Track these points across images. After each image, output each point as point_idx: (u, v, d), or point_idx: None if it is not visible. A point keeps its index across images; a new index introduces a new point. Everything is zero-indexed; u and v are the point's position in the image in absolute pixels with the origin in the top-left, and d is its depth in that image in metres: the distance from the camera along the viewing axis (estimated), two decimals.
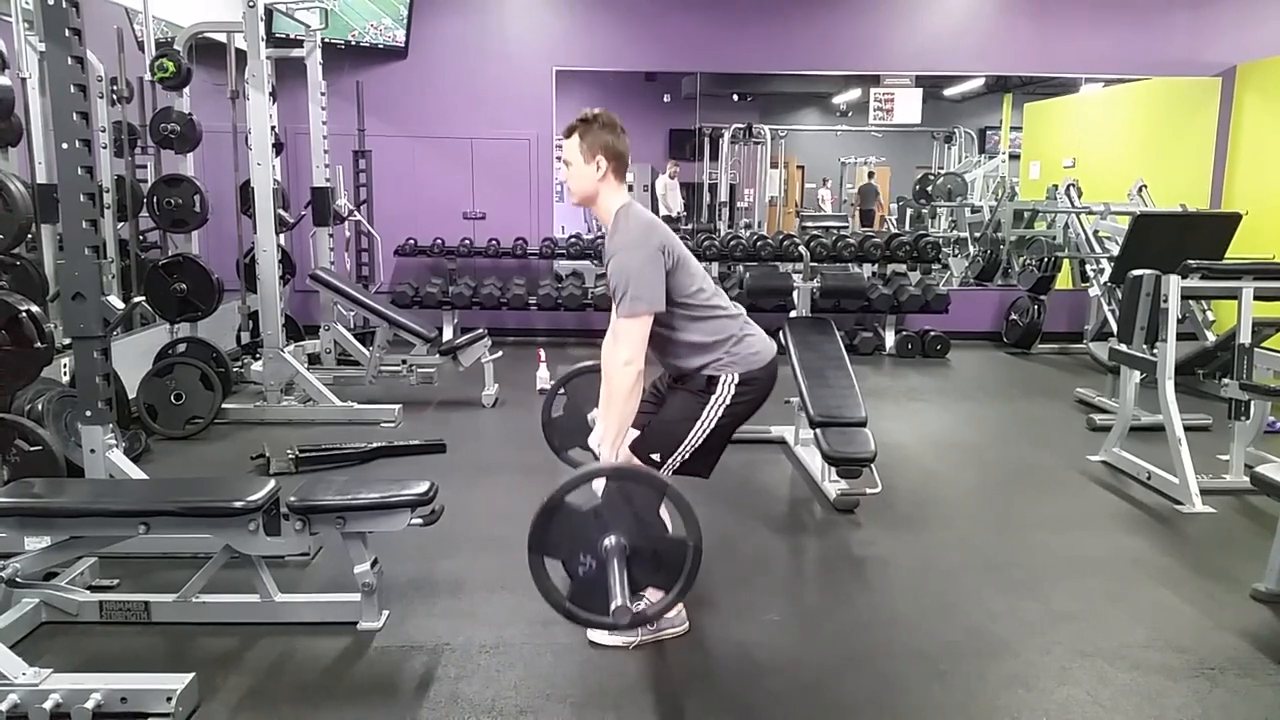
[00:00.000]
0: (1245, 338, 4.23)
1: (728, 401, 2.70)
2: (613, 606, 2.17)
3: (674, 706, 2.55)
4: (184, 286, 5.14)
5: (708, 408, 2.70)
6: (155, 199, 5.23)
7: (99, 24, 4.69)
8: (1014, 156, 10.05)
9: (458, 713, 2.45)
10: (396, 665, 2.69)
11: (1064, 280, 8.14)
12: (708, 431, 2.73)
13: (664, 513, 2.37)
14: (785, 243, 7.97)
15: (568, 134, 2.72)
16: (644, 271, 2.56)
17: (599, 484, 2.36)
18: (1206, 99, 8.08)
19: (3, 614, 2.75)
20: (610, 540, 2.27)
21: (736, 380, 2.70)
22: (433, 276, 7.95)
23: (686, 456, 2.75)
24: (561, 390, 3.39)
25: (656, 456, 2.72)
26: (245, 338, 5.98)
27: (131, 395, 4.81)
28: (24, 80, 4.66)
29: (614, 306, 2.67)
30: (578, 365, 3.35)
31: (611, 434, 2.58)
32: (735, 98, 10.36)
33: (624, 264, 2.57)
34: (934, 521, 3.93)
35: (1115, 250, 6.79)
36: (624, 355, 2.55)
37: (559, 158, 2.82)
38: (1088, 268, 7.65)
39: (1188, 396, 4.80)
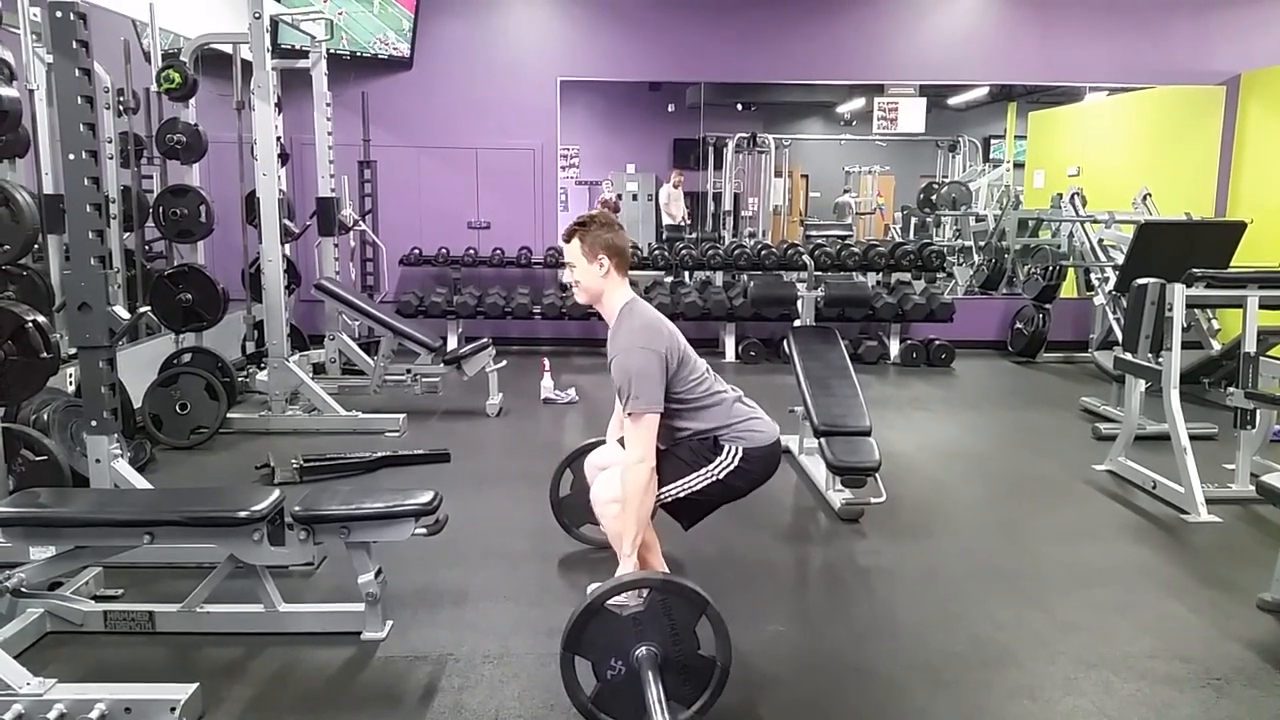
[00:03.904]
0: (1250, 346, 4.22)
1: (731, 468, 2.76)
2: None
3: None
4: (189, 296, 5.16)
5: (709, 466, 2.76)
6: (161, 209, 5.25)
7: (105, 35, 4.72)
8: (1019, 165, 10.04)
9: None
10: (400, 675, 2.68)
11: (1069, 289, 8.13)
12: (701, 486, 2.77)
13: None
14: (790, 252, 7.97)
15: (568, 239, 2.80)
16: (644, 373, 2.61)
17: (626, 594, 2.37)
18: (1211, 107, 8.08)
19: (8, 624, 2.75)
20: (644, 650, 2.27)
21: (741, 455, 2.76)
22: (437, 286, 7.96)
23: (679, 496, 2.79)
24: (568, 469, 3.44)
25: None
26: (250, 347, 5.98)
27: (137, 405, 4.81)
28: (31, 91, 4.69)
29: (619, 403, 2.73)
30: (581, 445, 3.44)
31: (631, 532, 2.60)
32: (739, 107, 10.36)
33: (625, 365, 2.63)
34: (938, 531, 3.92)
35: (1120, 259, 6.79)
36: (635, 455, 2.61)
37: (566, 262, 2.86)
38: (1092, 276, 7.63)
39: (1193, 405, 4.80)
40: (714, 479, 2.76)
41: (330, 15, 6.11)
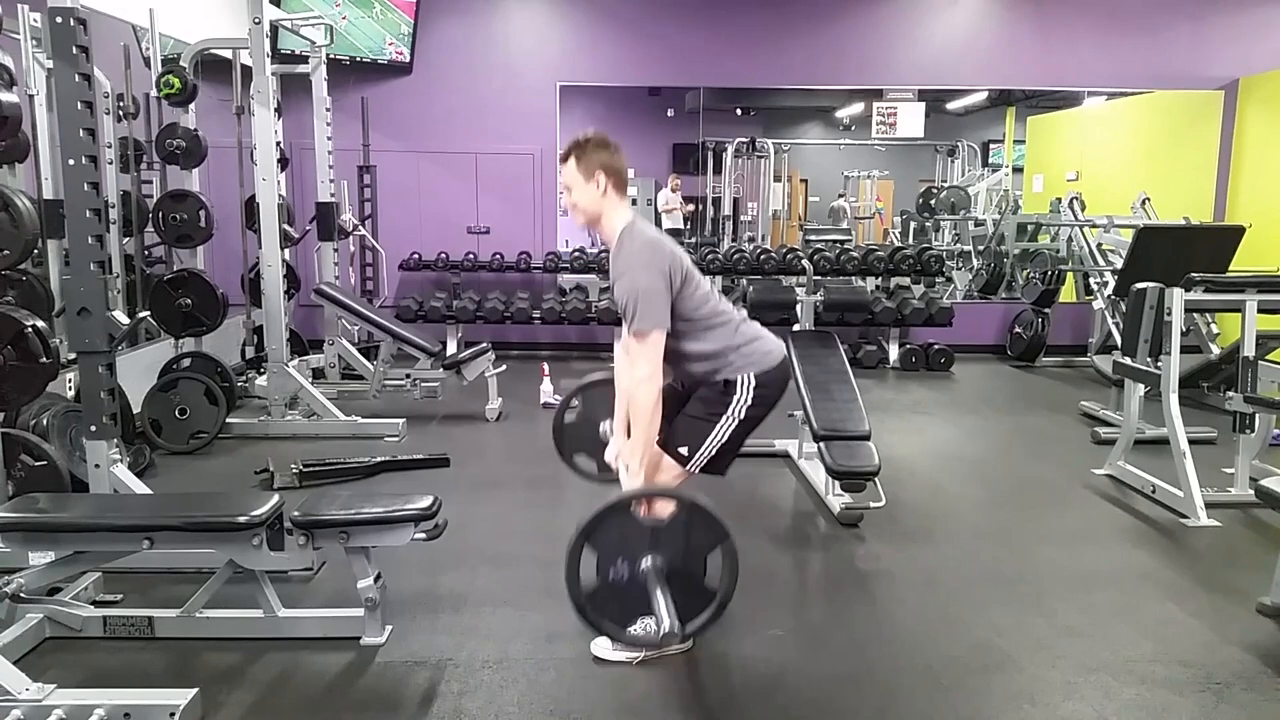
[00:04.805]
0: (1249, 350, 4.22)
1: (748, 402, 2.74)
2: (663, 631, 2.20)
3: None
4: (189, 301, 5.16)
5: (729, 409, 2.74)
6: (161, 214, 5.25)
7: (105, 40, 4.72)
8: (1017, 170, 10.06)
9: None
10: (399, 680, 2.68)
11: (1068, 293, 8.13)
12: (730, 431, 2.76)
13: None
14: (789, 256, 7.98)
15: (564, 159, 2.76)
16: (650, 291, 2.59)
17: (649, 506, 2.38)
18: (1209, 112, 8.09)
19: (7, 629, 2.75)
20: (654, 561, 2.28)
21: (754, 382, 2.73)
22: (437, 291, 7.96)
23: (712, 454, 2.78)
24: (575, 400, 3.38)
25: (685, 450, 2.77)
26: (250, 352, 5.99)
27: (136, 410, 4.81)
28: (31, 96, 4.70)
29: (624, 325, 2.70)
30: (594, 376, 3.34)
31: (639, 450, 2.62)
32: (738, 112, 10.38)
33: (629, 285, 2.61)
34: (938, 535, 3.92)
35: (1119, 263, 6.79)
36: (642, 372, 2.60)
37: (562, 185, 2.83)
38: (1091, 281, 7.64)
39: (1192, 410, 4.80)
40: (736, 421, 2.74)
41: (334, 20, 6.11)
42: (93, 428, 3.26)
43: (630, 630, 2.45)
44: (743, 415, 2.75)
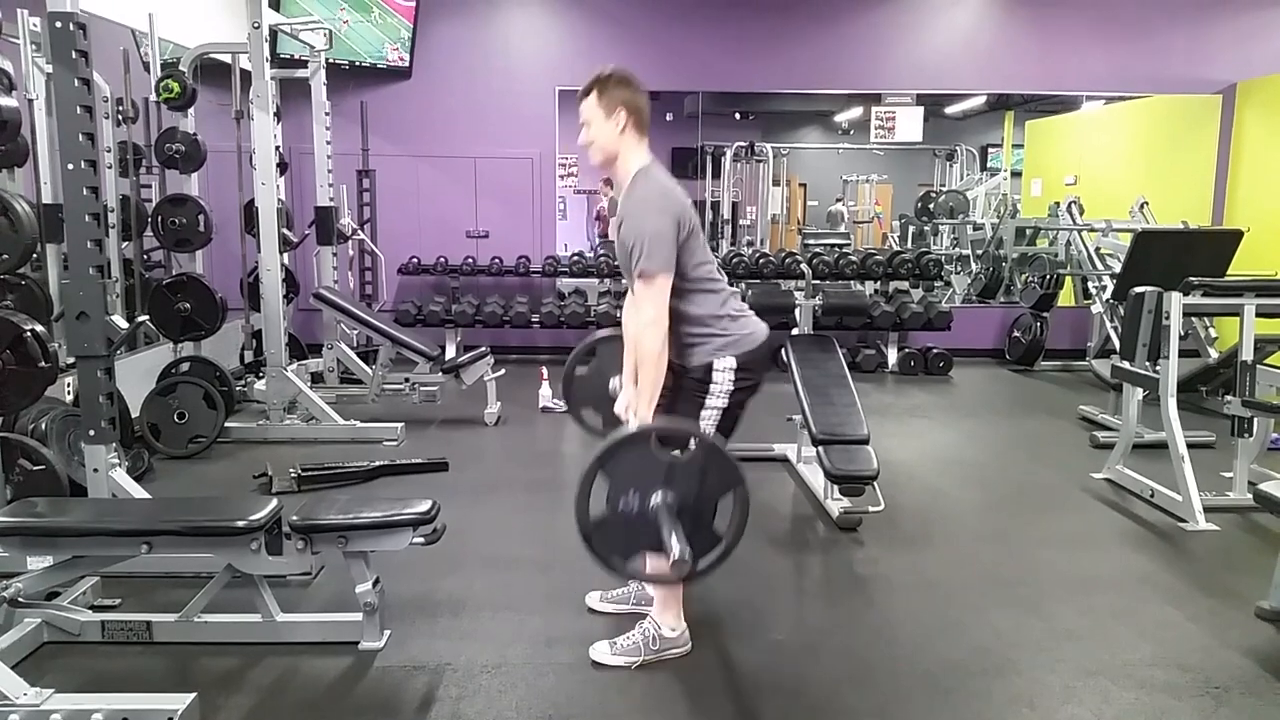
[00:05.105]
0: (1247, 355, 4.23)
1: (730, 389, 2.67)
2: (673, 558, 2.20)
3: None
4: (188, 305, 5.16)
5: (711, 397, 2.67)
6: (160, 218, 5.25)
7: (105, 45, 4.72)
8: (1016, 174, 10.08)
9: None
10: (398, 685, 2.68)
11: (1066, 297, 8.13)
12: (716, 419, 2.69)
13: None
14: (788, 260, 7.98)
15: (585, 93, 2.71)
16: (658, 235, 2.54)
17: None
18: (1207, 116, 8.11)
19: (5, 634, 2.74)
20: (666, 496, 2.29)
21: (735, 366, 2.66)
22: (436, 295, 7.97)
23: None
24: (591, 352, 3.35)
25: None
26: (248, 356, 5.99)
27: (135, 414, 4.81)
28: (30, 101, 4.70)
29: (630, 272, 2.63)
30: (609, 331, 3.27)
31: (646, 395, 2.56)
32: (737, 116, 10.39)
33: (638, 226, 2.55)
34: (937, 539, 3.92)
35: (1117, 267, 6.80)
36: (648, 315, 2.54)
37: (580, 120, 2.79)
38: (1090, 285, 7.65)
39: (1190, 414, 4.80)
40: (722, 402, 2.67)
41: (336, 24, 6.11)
42: (91, 432, 3.26)
43: (630, 564, 2.43)
44: (725, 402, 2.67)
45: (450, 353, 7.23)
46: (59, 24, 3.05)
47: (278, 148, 5.40)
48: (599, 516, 2.29)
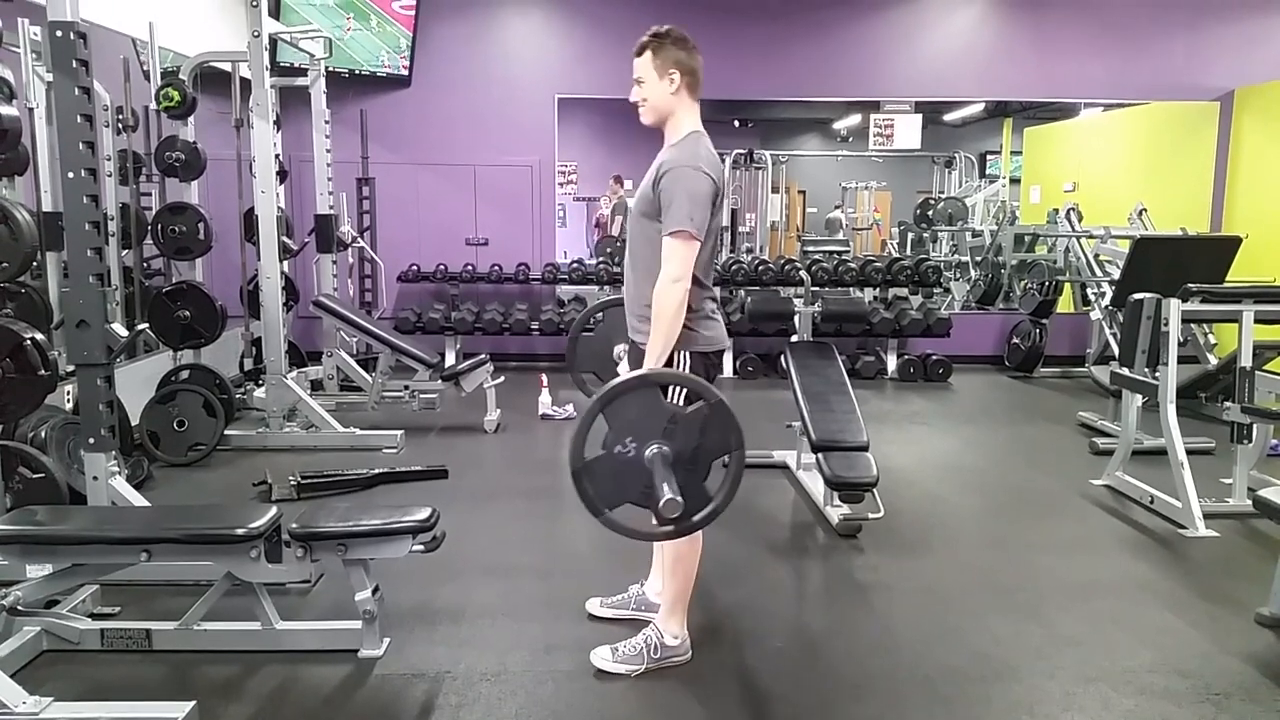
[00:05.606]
0: (1246, 361, 4.23)
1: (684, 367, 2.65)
2: (663, 500, 2.17)
3: None
4: (187, 313, 5.17)
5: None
6: (159, 226, 5.26)
7: (105, 54, 4.74)
8: (1014, 181, 10.10)
9: None
10: (397, 693, 2.68)
11: (1065, 304, 8.15)
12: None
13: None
14: (786, 267, 7.99)
15: (639, 51, 2.72)
16: (697, 195, 2.53)
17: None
18: (1205, 123, 8.12)
19: (4, 642, 2.74)
20: (663, 448, 2.27)
21: (688, 360, 2.65)
22: (435, 302, 7.97)
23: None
24: (599, 315, 3.32)
25: None
26: (248, 364, 5.99)
27: (134, 422, 4.81)
28: (31, 110, 4.71)
29: (643, 223, 2.61)
30: (618, 297, 3.23)
31: (658, 350, 2.55)
32: (736, 124, 10.43)
33: (680, 181, 2.54)
34: (937, 546, 3.92)
35: (1116, 274, 6.81)
36: (673, 273, 2.52)
37: (634, 79, 2.79)
38: (1089, 291, 7.66)
39: (1190, 420, 4.80)
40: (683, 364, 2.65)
41: (339, 32, 6.11)
42: (91, 440, 3.26)
43: (612, 510, 2.34)
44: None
45: (450, 360, 7.23)
46: (59, 33, 3.05)
47: (277, 156, 5.40)
48: (594, 455, 2.27)
